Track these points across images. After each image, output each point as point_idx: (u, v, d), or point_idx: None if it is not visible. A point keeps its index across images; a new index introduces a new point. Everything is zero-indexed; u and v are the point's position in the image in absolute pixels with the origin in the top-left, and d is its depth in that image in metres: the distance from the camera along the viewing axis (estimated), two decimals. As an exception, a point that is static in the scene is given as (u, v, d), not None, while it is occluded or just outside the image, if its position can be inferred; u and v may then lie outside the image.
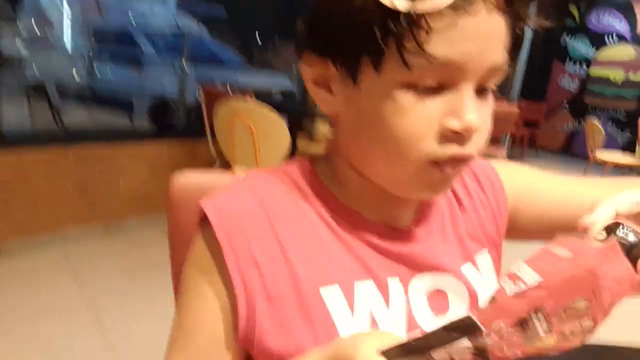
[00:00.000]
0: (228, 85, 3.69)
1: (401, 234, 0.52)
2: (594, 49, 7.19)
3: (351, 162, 0.50)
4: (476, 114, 0.42)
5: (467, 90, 0.42)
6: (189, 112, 3.85)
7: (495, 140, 6.15)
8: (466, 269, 0.54)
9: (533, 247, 0.38)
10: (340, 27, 0.42)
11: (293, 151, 2.38)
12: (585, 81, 7.31)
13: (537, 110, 7.12)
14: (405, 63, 0.40)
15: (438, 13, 0.38)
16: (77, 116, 5.61)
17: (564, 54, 7.51)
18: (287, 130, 2.24)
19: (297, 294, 0.46)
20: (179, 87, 4.07)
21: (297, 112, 2.84)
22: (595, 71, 7.19)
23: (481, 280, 0.54)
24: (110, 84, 6.44)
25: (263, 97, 3.37)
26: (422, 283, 0.51)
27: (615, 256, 0.33)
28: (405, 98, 0.41)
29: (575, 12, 7.38)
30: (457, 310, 0.52)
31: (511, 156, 6.34)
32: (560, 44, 7.52)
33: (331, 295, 0.47)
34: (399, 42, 0.39)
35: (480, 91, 0.44)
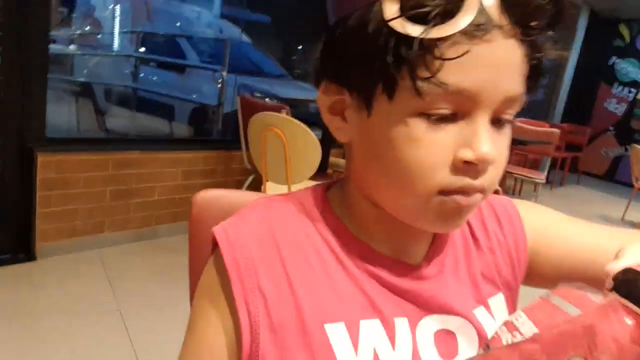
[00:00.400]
0: (266, 96, 3.74)
1: (412, 270, 0.50)
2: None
3: (363, 191, 0.49)
4: (491, 145, 0.40)
5: (481, 121, 0.40)
6: (226, 120, 3.92)
7: (535, 163, 5.99)
8: (479, 312, 0.52)
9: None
10: (355, 54, 0.42)
11: (325, 166, 2.38)
12: (633, 105, 7.04)
13: (581, 134, 6.90)
14: (417, 91, 0.39)
15: (451, 40, 0.37)
16: (119, 119, 5.79)
17: (611, 76, 7.26)
18: (319, 146, 2.25)
19: (301, 327, 0.45)
20: (218, 95, 4.16)
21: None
22: (645, 95, 6.92)
23: (493, 325, 0.52)
24: (154, 88, 6.64)
25: (299, 108, 3.40)
26: (431, 325, 0.49)
27: (615, 313, 0.30)
28: (418, 127, 0.40)
29: (625, 33, 7.13)
30: (467, 355, 0.50)
31: (551, 180, 6.16)
32: (607, 66, 7.28)
33: (335, 333, 0.46)
34: (412, 69, 0.39)
35: (497, 122, 0.42)
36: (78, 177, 2.57)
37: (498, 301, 0.55)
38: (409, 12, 0.38)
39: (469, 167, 0.41)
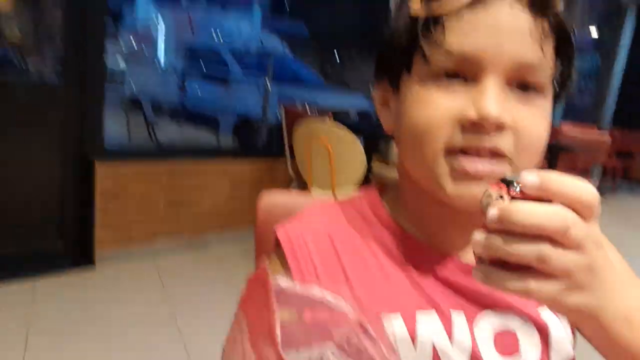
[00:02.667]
0: (307, 105, 3.80)
1: (469, 268, 0.50)
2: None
3: (407, 175, 0.51)
4: (497, 106, 0.42)
5: (489, 83, 0.43)
6: (271, 130, 4.01)
7: (584, 171, 5.79)
8: (543, 311, 0.51)
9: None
10: (389, 46, 0.49)
11: (368, 173, 2.40)
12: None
13: (632, 139, 6.59)
14: (425, 58, 0.44)
15: (454, 11, 0.42)
16: (168, 131, 5.97)
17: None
18: (363, 153, 2.28)
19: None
20: (262, 105, 4.25)
21: (372, 134, 2.87)
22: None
23: (559, 326, 0.52)
24: (199, 100, 6.85)
25: (341, 117, 3.43)
26: (489, 320, 0.50)
27: None
28: (429, 91, 0.45)
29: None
30: (529, 353, 0.49)
31: (602, 188, 5.93)
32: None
33: (393, 323, 0.47)
34: (421, 40, 0.44)
35: (521, 89, 0.44)
36: (134, 188, 2.69)
37: None
38: None
39: (475, 127, 0.43)
